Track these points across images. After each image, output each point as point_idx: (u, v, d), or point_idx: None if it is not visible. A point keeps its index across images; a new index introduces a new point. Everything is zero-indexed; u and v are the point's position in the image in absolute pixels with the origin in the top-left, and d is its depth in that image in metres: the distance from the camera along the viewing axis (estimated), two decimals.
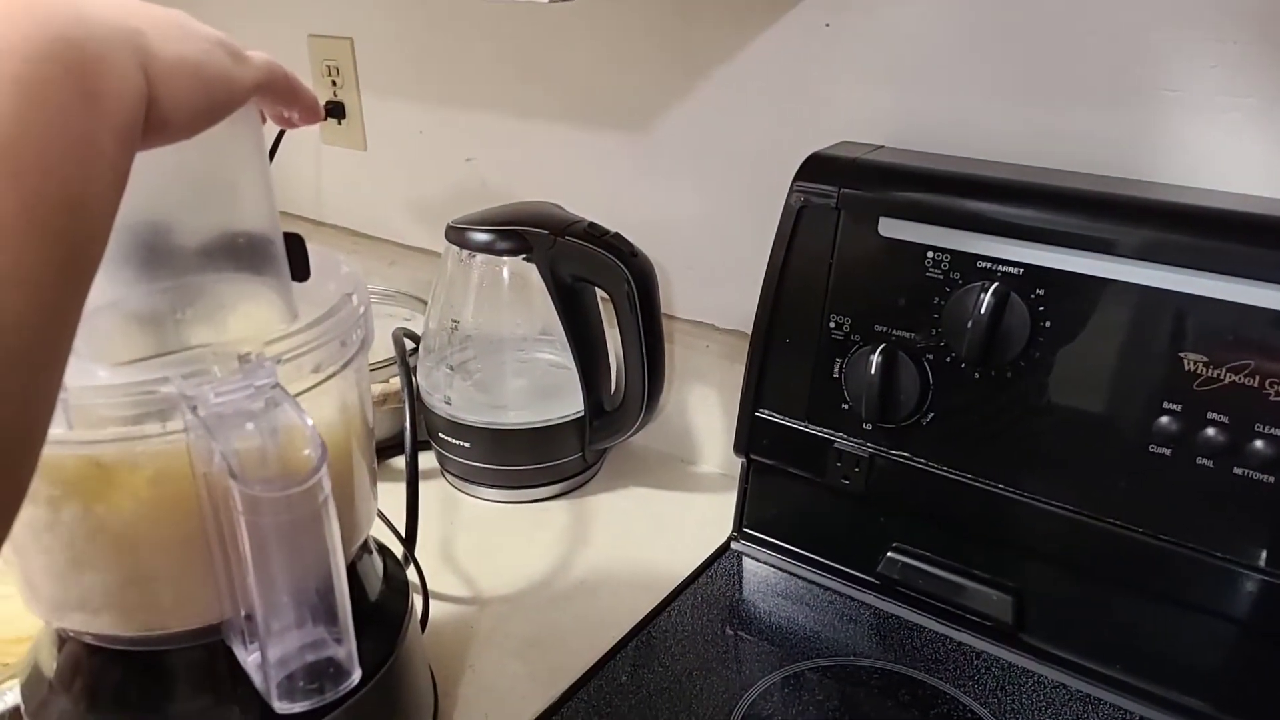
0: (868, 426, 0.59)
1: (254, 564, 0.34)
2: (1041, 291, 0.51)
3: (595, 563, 0.67)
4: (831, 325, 0.59)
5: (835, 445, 0.60)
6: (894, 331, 0.57)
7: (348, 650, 0.37)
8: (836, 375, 0.59)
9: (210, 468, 0.35)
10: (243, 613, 0.38)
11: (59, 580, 0.40)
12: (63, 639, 0.43)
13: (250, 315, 0.39)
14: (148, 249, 0.35)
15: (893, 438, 0.58)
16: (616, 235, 0.68)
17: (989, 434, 0.55)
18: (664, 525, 0.72)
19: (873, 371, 0.56)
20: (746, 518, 0.68)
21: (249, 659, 0.38)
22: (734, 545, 0.68)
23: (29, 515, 0.37)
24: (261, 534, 0.34)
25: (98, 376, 0.35)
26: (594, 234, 0.67)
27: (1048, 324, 0.51)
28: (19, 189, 0.22)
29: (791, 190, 0.59)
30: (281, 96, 0.36)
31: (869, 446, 0.59)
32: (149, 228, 0.35)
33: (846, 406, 0.59)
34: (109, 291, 0.35)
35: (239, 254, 0.38)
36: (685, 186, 0.75)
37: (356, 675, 0.37)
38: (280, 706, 0.36)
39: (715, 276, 0.76)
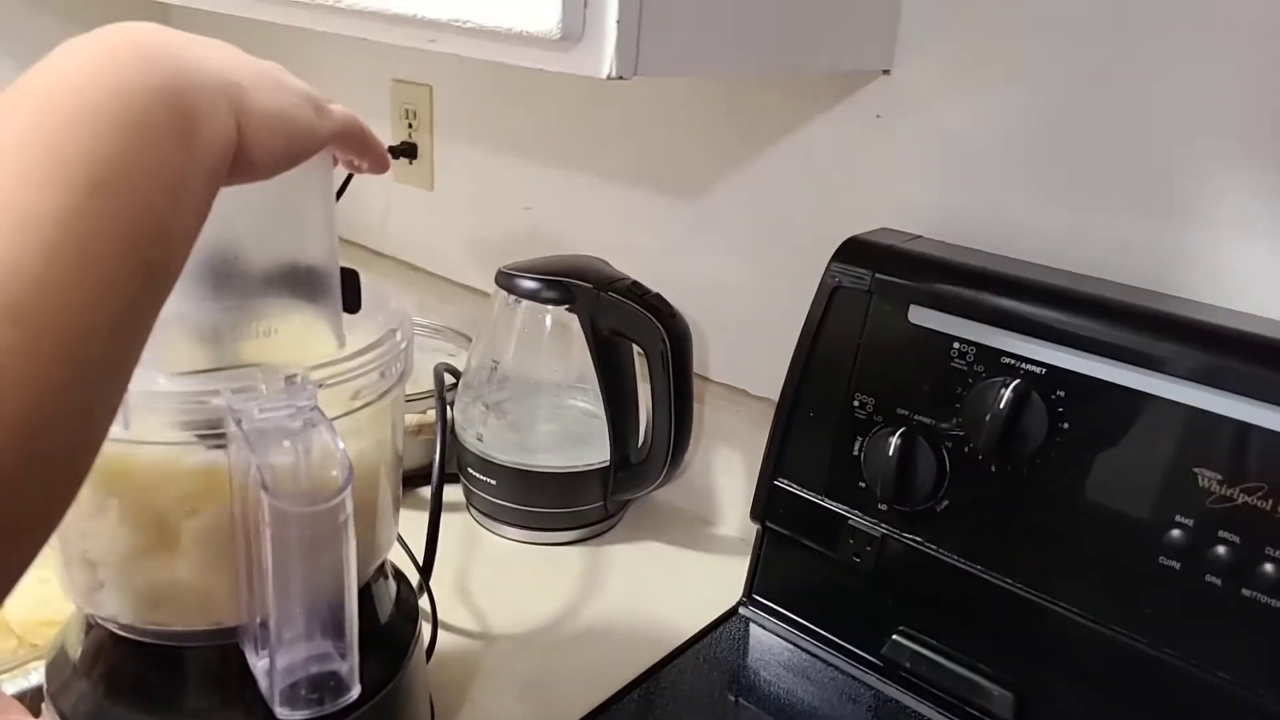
0: (883, 507, 0.59)
1: (274, 574, 0.36)
2: (1062, 393, 0.52)
3: (605, 611, 0.69)
4: (855, 404, 0.60)
5: (849, 522, 0.61)
6: (915, 416, 0.58)
7: (350, 666, 0.39)
8: (856, 453, 0.60)
9: (245, 479, 0.37)
10: (258, 619, 0.40)
11: (93, 569, 0.42)
12: (90, 626, 0.46)
13: (301, 340, 0.42)
14: (217, 271, 0.39)
15: (906, 521, 0.59)
16: (657, 296, 0.70)
17: (1002, 527, 0.55)
18: (677, 582, 0.73)
19: (891, 453, 0.57)
20: (757, 585, 0.68)
21: (258, 664, 0.40)
22: (742, 610, 0.68)
23: (75, 505, 0.40)
24: (284, 546, 0.36)
25: (157, 383, 0.38)
26: (636, 292, 0.70)
27: (1066, 425, 0.52)
28: (119, 218, 0.25)
29: (828, 270, 0.61)
30: (355, 147, 0.39)
31: (882, 527, 0.60)
32: (220, 252, 0.38)
33: (863, 485, 0.60)
34: (176, 306, 0.38)
35: (298, 282, 0.41)
36: (730, 254, 0.77)
37: (356, 691, 0.39)
38: (281, 713, 0.38)
39: (751, 344, 0.78)
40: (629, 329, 0.70)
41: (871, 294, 0.59)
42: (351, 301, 0.44)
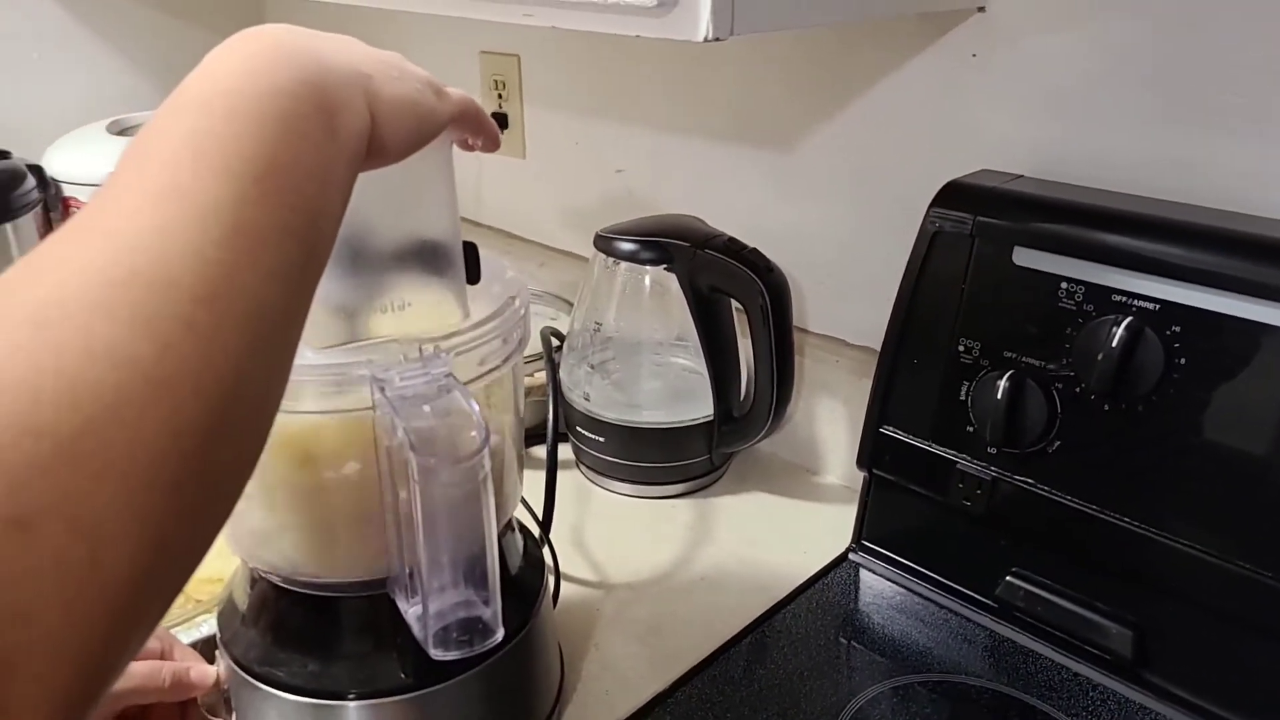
0: (992, 450, 0.60)
1: (423, 528, 0.40)
2: (1178, 328, 0.51)
3: (716, 560, 0.71)
4: (961, 349, 0.60)
5: (958, 466, 0.61)
6: (1023, 358, 0.57)
7: (494, 611, 0.42)
8: (963, 398, 0.60)
9: (392, 441, 0.40)
10: (407, 570, 0.43)
11: (259, 526, 0.47)
12: (255, 579, 0.50)
13: (430, 312, 0.44)
14: (352, 251, 0.41)
15: (1017, 463, 0.59)
16: (754, 250, 0.71)
17: (1117, 466, 0.55)
18: (784, 530, 0.74)
19: (999, 396, 0.57)
20: (866, 530, 0.69)
21: (410, 610, 0.44)
22: (852, 556, 0.70)
23: None
24: (431, 502, 0.39)
25: (306, 357, 0.41)
26: (733, 249, 0.71)
27: (1183, 361, 0.51)
28: (281, 204, 0.27)
29: (927, 216, 0.61)
30: (470, 127, 0.41)
31: (992, 470, 0.60)
32: (355, 233, 0.41)
33: (971, 429, 0.60)
34: (319, 286, 0.41)
35: (424, 258, 0.44)
36: (825, 205, 0.77)
37: (500, 634, 0.42)
38: (436, 653, 0.42)
39: (849, 293, 0.78)
40: (727, 285, 0.71)
41: (974, 237, 0.59)
42: (473, 273, 0.46)
